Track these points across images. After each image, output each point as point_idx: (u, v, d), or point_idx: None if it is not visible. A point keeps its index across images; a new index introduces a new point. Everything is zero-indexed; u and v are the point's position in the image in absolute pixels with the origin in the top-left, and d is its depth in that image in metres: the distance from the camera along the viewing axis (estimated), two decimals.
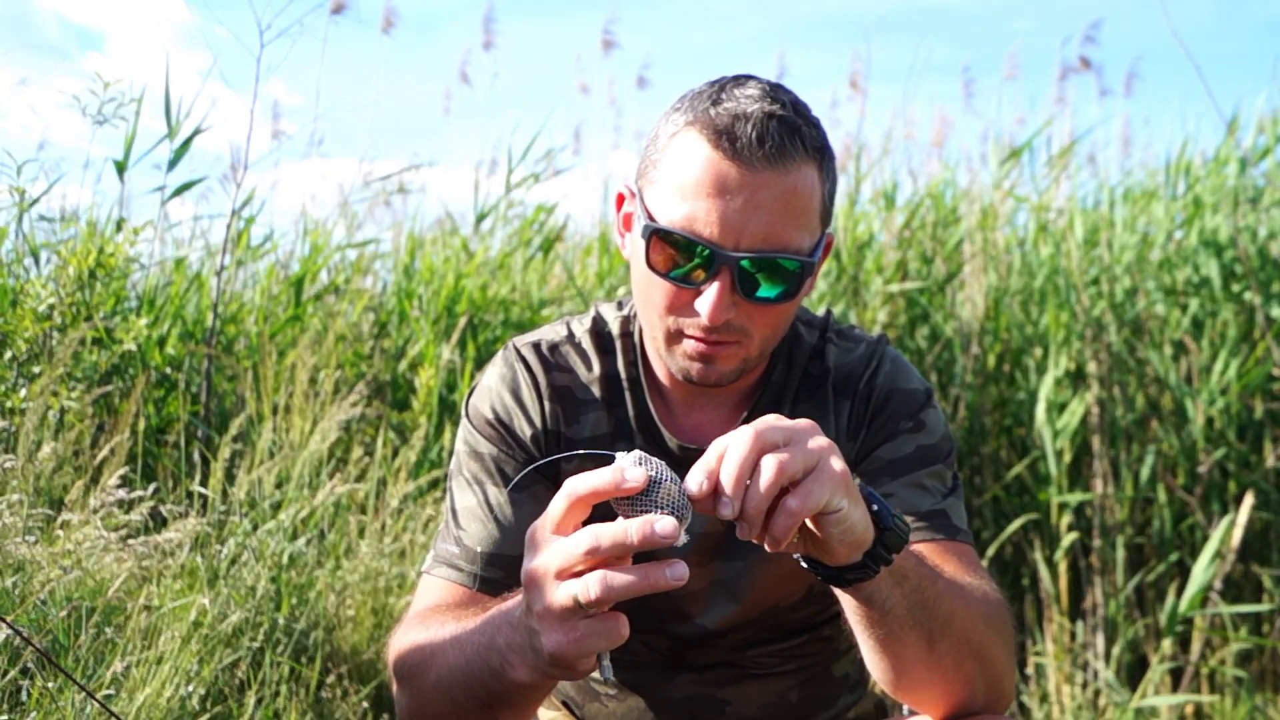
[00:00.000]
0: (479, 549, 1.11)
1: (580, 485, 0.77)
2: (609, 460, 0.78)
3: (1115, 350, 3.15)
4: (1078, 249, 3.35)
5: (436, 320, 3.36)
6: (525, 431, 1.17)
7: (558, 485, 1.16)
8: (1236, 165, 3.47)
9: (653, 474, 0.76)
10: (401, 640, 1.05)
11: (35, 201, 3.06)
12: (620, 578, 0.74)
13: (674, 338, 1.08)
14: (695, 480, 0.78)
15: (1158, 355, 3.18)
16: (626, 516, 0.76)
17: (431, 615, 1.06)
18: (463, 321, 3.26)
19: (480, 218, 4.05)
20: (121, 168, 3.26)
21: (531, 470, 1.16)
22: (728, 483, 0.76)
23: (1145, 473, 3.02)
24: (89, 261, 2.77)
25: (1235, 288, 3.23)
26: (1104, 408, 3.07)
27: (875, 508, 0.85)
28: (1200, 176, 3.74)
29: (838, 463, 0.80)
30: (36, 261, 3.17)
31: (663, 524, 0.74)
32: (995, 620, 1.00)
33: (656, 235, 1.03)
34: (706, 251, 1.00)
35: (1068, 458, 2.99)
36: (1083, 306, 3.20)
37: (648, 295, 1.07)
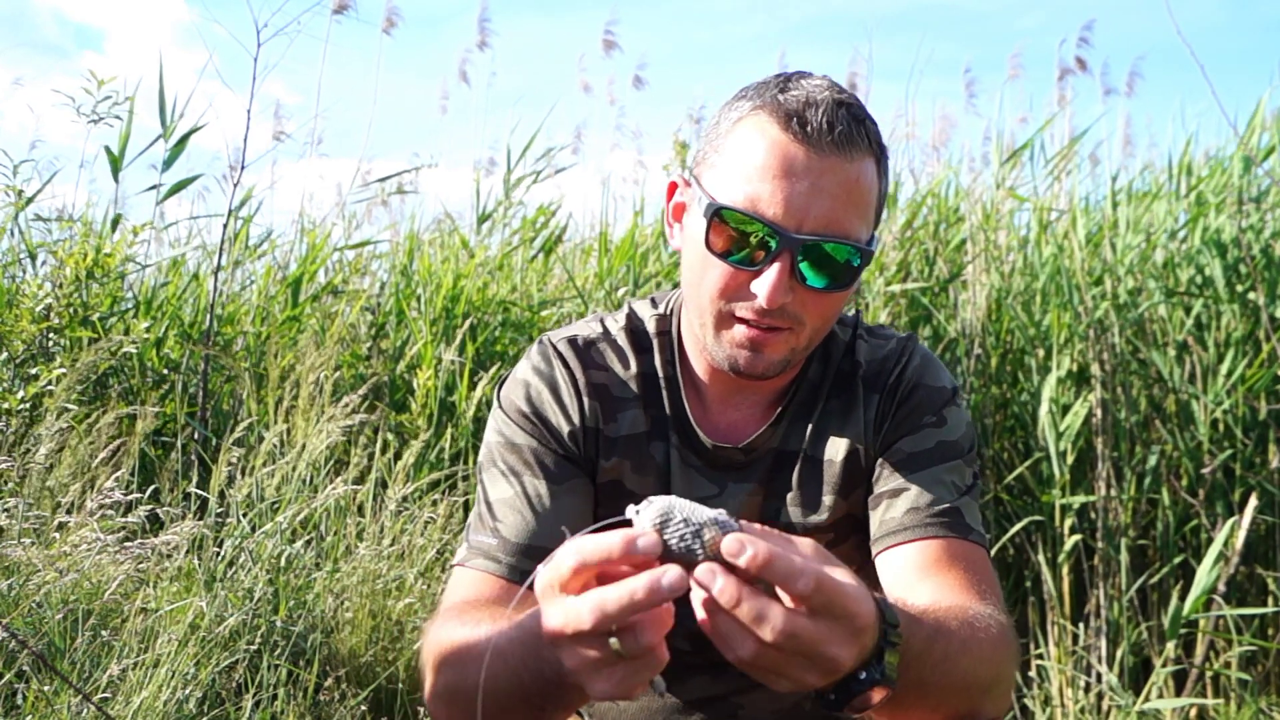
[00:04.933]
0: (517, 541, 1.10)
1: (589, 550, 0.71)
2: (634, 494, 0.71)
3: (1119, 351, 3.14)
4: (1080, 249, 3.34)
5: (435, 321, 3.34)
6: (563, 427, 1.16)
7: (595, 480, 1.16)
8: (1240, 164, 3.46)
9: (670, 527, 0.72)
10: (439, 635, 1.02)
11: (30, 200, 3.04)
12: (648, 632, 0.71)
13: (725, 322, 1.07)
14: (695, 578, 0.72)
15: (1161, 356, 3.16)
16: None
17: (470, 610, 1.03)
18: (463, 324, 3.24)
19: (482, 219, 4.04)
20: (116, 166, 3.24)
21: (570, 462, 1.15)
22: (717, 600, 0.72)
23: (1149, 474, 3.00)
24: (86, 262, 2.76)
25: (1239, 288, 3.21)
26: (1107, 409, 3.05)
27: (862, 675, 0.78)
28: (1203, 176, 3.72)
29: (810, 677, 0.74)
30: (33, 261, 3.16)
31: (669, 577, 0.69)
32: (1000, 654, 0.97)
33: (718, 215, 1.03)
34: (769, 232, 1.01)
35: (1071, 459, 2.97)
36: (1085, 307, 3.18)
37: (703, 278, 1.07)
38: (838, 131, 1.00)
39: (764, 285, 1.02)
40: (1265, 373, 2.97)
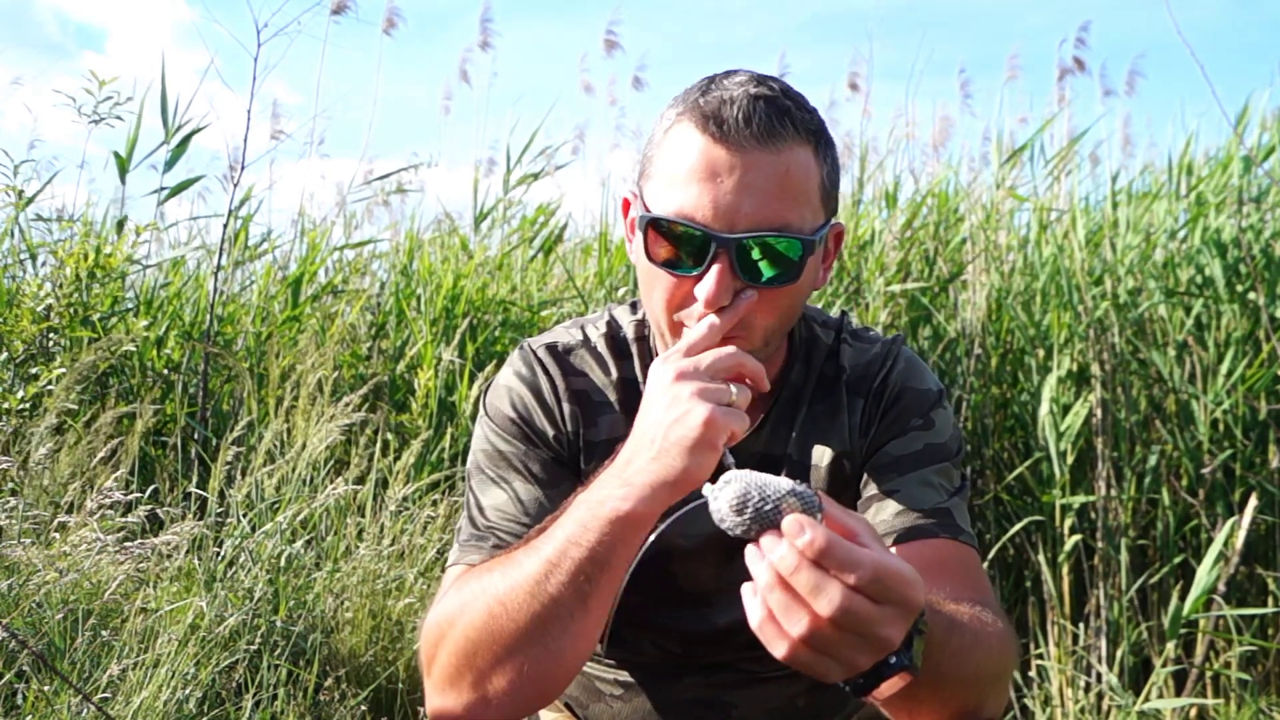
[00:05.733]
0: (512, 541, 1.10)
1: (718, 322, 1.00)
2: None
3: (1119, 351, 3.14)
4: (1080, 249, 3.34)
5: (435, 321, 3.34)
6: (549, 431, 1.17)
7: (581, 481, 1.16)
8: (1240, 164, 3.46)
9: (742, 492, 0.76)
10: (442, 607, 1.04)
11: (30, 200, 3.04)
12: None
13: (677, 330, 1.07)
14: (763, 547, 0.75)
15: (1161, 356, 3.16)
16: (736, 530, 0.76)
17: (479, 570, 1.05)
18: (463, 324, 3.24)
19: (480, 218, 4.04)
20: (124, 169, 3.24)
21: (559, 464, 1.16)
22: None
23: (1149, 474, 3.00)
24: (87, 263, 2.76)
25: (1239, 288, 3.21)
26: (1107, 409, 3.05)
27: (893, 660, 0.78)
28: (1203, 176, 3.72)
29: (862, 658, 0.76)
30: (33, 261, 3.16)
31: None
32: (1005, 650, 0.99)
33: (652, 226, 1.03)
34: (702, 236, 1.00)
35: (1071, 459, 2.97)
36: (1085, 307, 3.18)
37: (651, 289, 1.07)
38: (756, 125, 0.99)
39: (704, 289, 1.01)
40: (1265, 373, 2.97)
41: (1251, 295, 3.16)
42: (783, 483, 0.75)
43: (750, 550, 0.75)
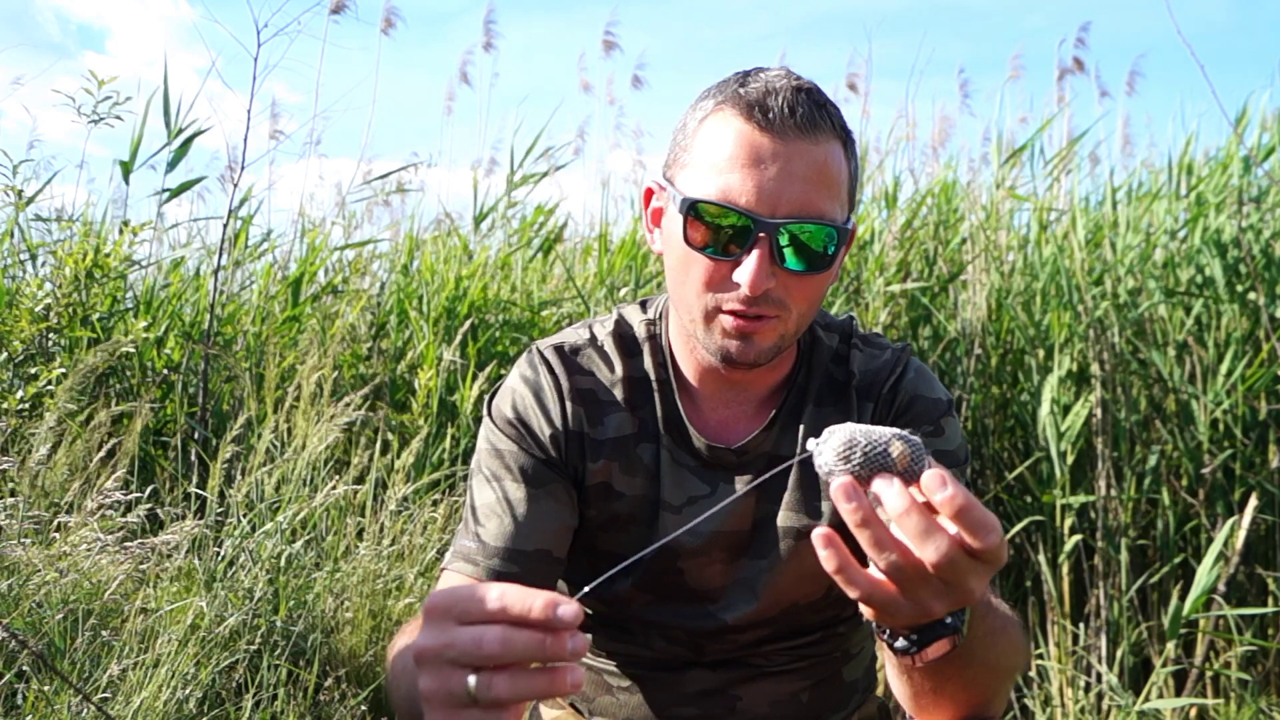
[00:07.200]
0: (496, 544, 1.12)
1: (512, 599, 0.65)
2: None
3: (1119, 351, 3.14)
4: (1080, 249, 3.34)
5: (436, 321, 3.34)
6: (545, 431, 1.18)
7: (576, 483, 1.18)
8: (1240, 164, 3.46)
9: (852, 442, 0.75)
10: (396, 644, 1.05)
11: (30, 200, 3.04)
12: (525, 683, 0.65)
13: (712, 315, 1.08)
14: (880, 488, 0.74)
15: (1161, 356, 3.16)
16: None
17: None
18: (466, 325, 3.24)
19: (479, 218, 4.04)
20: (128, 169, 3.25)
21: (549, 467, 1.17)
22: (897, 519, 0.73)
23: (1149, 474, 3.00)
24: (86, 262, 2.76)
25: (1239, 288, 3.21)
26: (1107, 409, 3.05)
27: (948, 620, 0.81)
28: (1203, 176, 3.73)
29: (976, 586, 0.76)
30: (33, 261, 3.16)
31: (565, 609, 0.64)
32: (1023, 644, 1.02)
33: (694, 210, 1.04)
34: (745, 221, 1.02)
35: (1071, 459, 2.97)
36: (1085, 307, 3.18)
37: (686, 274, 1.08)
38: (799, 115, 1.01)
39: (745, 273, 1.03)
40: (1265, 373, 2.97)
41: (1251, 295, 3.17)
42: (884, 430, 0.76)
43: (839, 488, 0.73)
